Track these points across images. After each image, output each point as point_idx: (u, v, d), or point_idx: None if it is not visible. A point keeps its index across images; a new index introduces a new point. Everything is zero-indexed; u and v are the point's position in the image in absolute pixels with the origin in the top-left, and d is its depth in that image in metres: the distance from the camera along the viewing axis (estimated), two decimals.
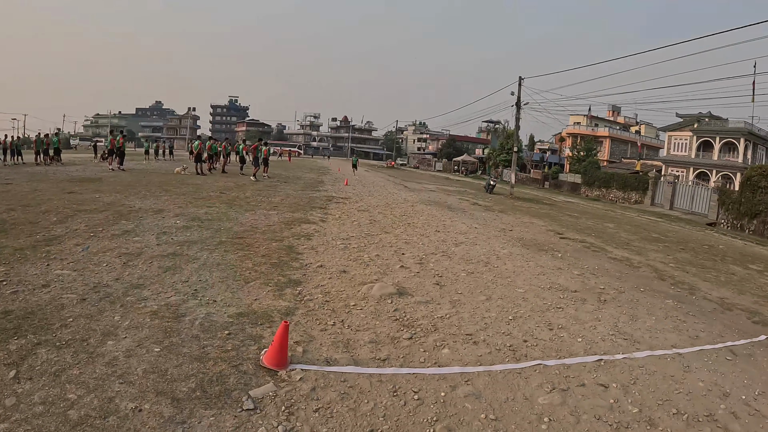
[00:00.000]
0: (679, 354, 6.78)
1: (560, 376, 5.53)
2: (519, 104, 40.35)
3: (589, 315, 8.01)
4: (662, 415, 4.93)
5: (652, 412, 4.96)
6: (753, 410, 5.33)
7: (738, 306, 10.29)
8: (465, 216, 19.90)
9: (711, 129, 59.38)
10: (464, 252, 11.84)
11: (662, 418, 4.87)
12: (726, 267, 15.63)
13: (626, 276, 11.57)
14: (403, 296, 7.76)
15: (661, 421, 4.81)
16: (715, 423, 4.93)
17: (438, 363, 5.47)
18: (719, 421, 4.96)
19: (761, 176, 35.32)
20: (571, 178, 67.03)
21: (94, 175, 23.47)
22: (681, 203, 46.44)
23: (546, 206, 32.39)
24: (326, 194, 22.85)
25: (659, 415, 4.92)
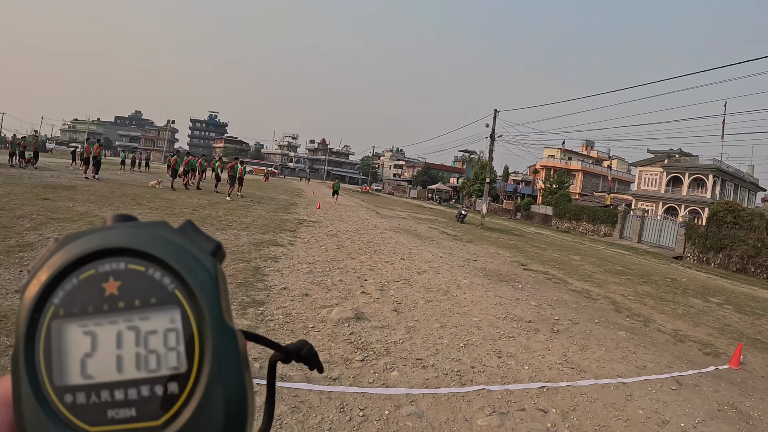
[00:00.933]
0: (623, 383, 7.12)
1: (502, 400, 5.84)
2: (493, 136, 40.85)
3: (539, 344, 8.32)
4: None
5: None
6: None
7: (691, 338, 10.72)
8: (432, 245, 20.18)
9: (681, 165, 60.60)
10: (426, 280, 12.14)
11: None
12: (686, 300, 16.12)
13: (583, 308, 11.94)
14: (360, 321, 8.03)
15: None
16: None
17: (386, 384, 5.77)
18: None
19: (727, 211, 36.24)
20: (543, 210, 67.71)
21: (69, 183, 23.47)
22: (649, 237, 47.29)
23: (515, 237, 32.75)
24: (298, 217, 22.99)
25: None
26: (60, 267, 0.47)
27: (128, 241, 0.48)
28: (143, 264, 0.48)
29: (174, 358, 0.46)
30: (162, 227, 0.51)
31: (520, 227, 49.44)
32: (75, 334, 0.46)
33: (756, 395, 7.68)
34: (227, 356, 0.46)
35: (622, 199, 70.16)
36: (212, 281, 0.48)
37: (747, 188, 67.37)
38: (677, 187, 61.33)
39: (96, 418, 0.44)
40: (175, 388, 0.45)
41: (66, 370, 0.45)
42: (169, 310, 0.47)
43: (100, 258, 0.48)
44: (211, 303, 0.47)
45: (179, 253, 0.49)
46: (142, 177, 38.23)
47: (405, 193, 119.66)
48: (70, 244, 0.49)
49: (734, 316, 14.57)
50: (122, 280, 0.47)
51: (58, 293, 0.47)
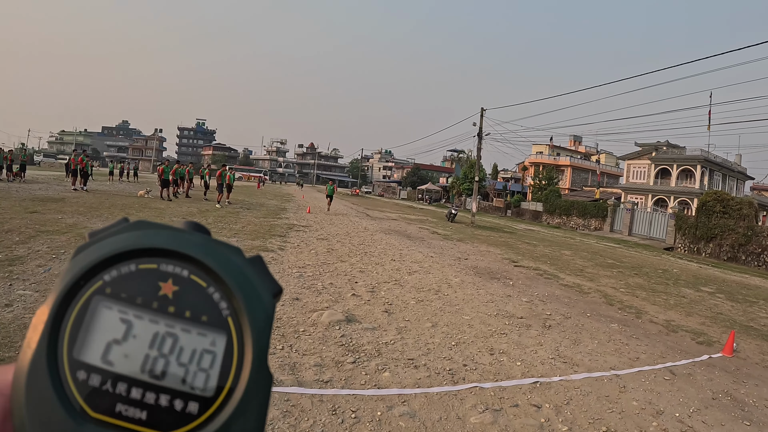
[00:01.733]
0: (616, 375, 7.14)
1: (495, 397, 5.83)
2: (481, 135, 40.89)
3: (531, 340, 8.33)
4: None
5: (582, 430, 5.27)
6: (686, 426, 5.70)
7: (684, 328, 10.76)
8: (422, 245, 20.19)
9: (669, 157, 60.94)
10: (417, 280, 12.14)
11: None
12: (677, 290, 16.17)
13: (574, 302, 11.97)
14: (351, 323, 8.01)
15: None
16: None
17: (378, 385, 5.75)
18: None
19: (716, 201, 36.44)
20: (533, 206, 67.87)
21: (57, 195, 23.37)
22: (639, 229, 47.46)
23: (506, 234, 32.80)
24: (288, 222, 22.96)
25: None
26: (125, 248, 0.47)
27: (200, 253, 0.48)
28: (207, 280, 0.48)
29: (202, 380, 0.45)
30: (235, 253, 0.51)
31: (510, 224, 49.52)
32: (111, 317, 0.45)
33: (750, 382, 7.70)
34: (258, 399, 0.45)
35: (612, 192, 70.44)
36: (268, 323, 0.48)
37: (735, 177, 67.76)
38: (666, 179, 61.68)
39: (102, 405, 0.43)
40: (194, 409, 0.44)
41: (89, 346, 0.44)
42: (215, 332, 0.46)
43: (167, 257, 0.48)
44: (260, 342, 0.47)
45: (245, 284, 0.48)
46: (131, 187, 38.17)
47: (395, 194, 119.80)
48: (141, 231, 0.49)
49: (726, 305, 14.63)
50: (180, 287, 0.47)
51: (111, 271, 0.47)
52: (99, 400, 0.43)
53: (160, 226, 0.50)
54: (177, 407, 0.44)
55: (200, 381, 0.45)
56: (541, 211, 64.27)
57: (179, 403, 0.44)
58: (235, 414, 0.44)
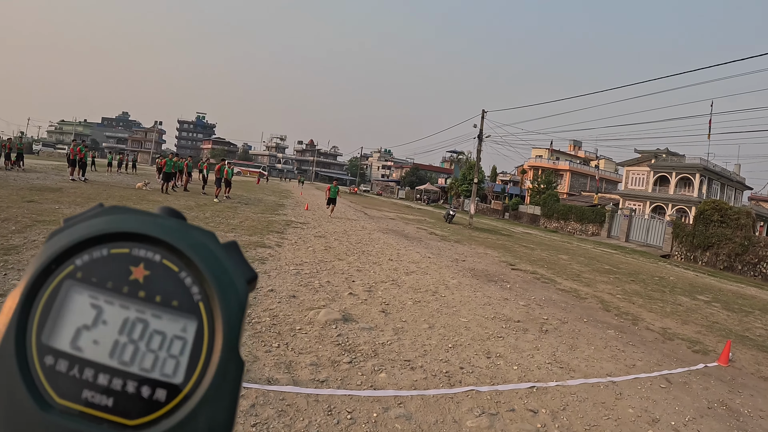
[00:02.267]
0: (613, 382, 7.13)
1: (491, 401, 5.81)
2: (481, 137, 40.92)
3: (528, 344, 8.31)
4: None
5: None
6: None
7: (680, 336, 10.76)
8: (420, 245, 20.18)
9: (668, 164, 60.97)
10: (414, 281, 12.11)
11: None
12: (674, 298, 16.19)
13: (571, 307, 11.95)
14: (348, 322, 7.97)
15: None
16: None
17: (374, 386, 5.72)
18: None
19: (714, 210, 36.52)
20: (531, 210, 67.99)
21: (55, 185, 23.28)
22: (636, 236, 47.56)
23: (503, 237, 32.81)
24: (285, 218, 22.91)
25: None
26: (96, 232, 0.47)
27: (173, 238, 0.47)
28: (179, 264, 0.47)
29: (171, 366, 0.44)
30: (209, 237, 0.51)
31: (508, 227, 49.56)
32: (82, 301, 0.44)
33: (745, 392, 7.70)
34: (228, 385, 0.44)
35: (610, 198, 70.47)
36: (240, 309, 0.47)
37: (734, 187, 67.83)
38: (664, 187, 61.72)
39: (69, 391, 0.42)
40: (162, 396, 0.43)
41: (58, 331, 0.43)
42: (186, 318, 0.45)
43: (139, 241, 0.47)
44: (232, 329, 0.46)
45: (217, 268, 0.48)
46: (129, 179, 38.07)
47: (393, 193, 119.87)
48: (115, 215, 0.48)
49: (722, 314, 14.64)
50: (151, 271, 0.46)
51: (83, 256, 0.46)
52: (66, 386, 0.42)
53: (134, 211, 0.49)
54: (144, 394, 0.43)
55: (170, 367, 0.44)
56: (539, 214, 64.38)
57: (146, 390, 0.43)
58: (203, 401, 0.43)
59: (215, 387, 0.43)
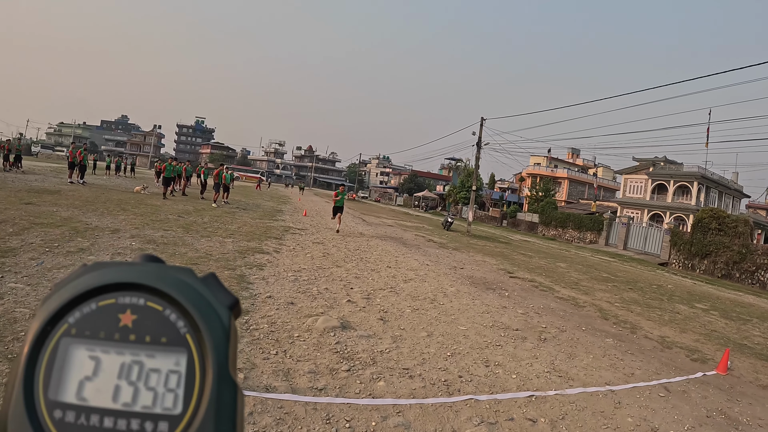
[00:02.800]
0: (611, 391, 7.10)
1: (490, 410, 5.78)
2: (480, 144, 41.00)
3: (527, 353, 8.28)
4: None
5: None
6: None
7: (678, 344, 10.75)
8: (418, 252, 20.14)
9: (666, 173, 61.11)
10: (412, 288, 12.08)
11: None
12: (672, 306, 16.20)
13: (570, 315, 11.93)
14: (346, 330, 7.94)
15: None
16: None
17: (372, 395, 5.69)
18: None
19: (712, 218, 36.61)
20: (529, 218, 68.10)
21: (53, 187, 23.21)
22: (634, 244, 47.66)
23: (501, 245, 32.80)
24: (284, 224, 22.89)
25: None
26: (83, 289, 0.50)
27: (152, 280, 0.51)
28: (162, 304, 0.50)
29: (171, 400, 0.46)
30: (186, 273, 0.53)
31: (506, 234, 49.58)
32: (80, 355, 0.47)
33: (744, 401, 7.69)
34: (224, 407, 0.46)
35: (608, 206, 70.58)
36: (224, 333, 0.50)
37: (731, 195, 67.92)
38: (662, 195, 61.83)
39: None
40: (165, 428, 0.45)
41: (63, 387, 0.46)
42: (176, 352, 0.48)
43: (123, 290, 0.50)
44: (219, 353, 0.48)
45: (198, 300, 0.51)
46: (128, 182, 37.98)
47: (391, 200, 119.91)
48: (97, 272, 0.51)
49: (720, 322, 14.64)
50: (138, 315, 0.49)
51: (74, 313, 0.49)
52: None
53: (115, 264, 0.52)
54: (147, 429, 0.45)
55: (169, 401, 0.46)
56: (537, 222, 64.51)
57: (149, 425, 0.45)
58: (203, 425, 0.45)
59: (212, 410, 0.46)
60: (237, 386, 0.48)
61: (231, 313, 0.52)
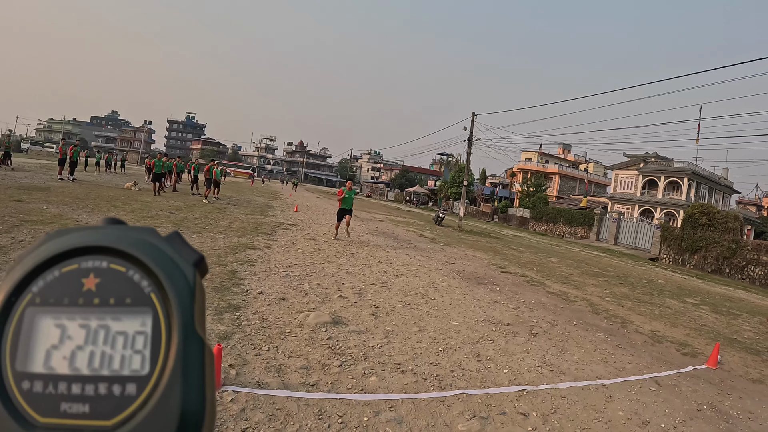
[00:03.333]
0: (603, 385, 7.12)
1: (482, 404, 5.79)
2: (471, 139, 41.01)
3: (518, 347, 8.30)
4: None
5: None
6: None
7: (669, 338, 10.78)
8: (410, 248, 20.13)
9: (656, 168, 61.37)
10: (404, 284, 12.08)
11: None
12: (662, 301, 16.25)
13: (561, 310, 11.95)
14: (338, 325, 7.94)
15: None
16: None
17: (364, 390, 5.69)
18: None
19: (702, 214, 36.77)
20: (520, 213, 68.28)
21: (43, 184, 23.13)
22: (625, 239, 47.85)
23: (492, 240, 32.83)
24: (275, 220, 22.84)
25: None
26: (45, 257, 0.49)
27: (113, 242, 0.50)
28: (125, 265, 0.49)
29: (138, 361, 0.46)
30: (149, 233, 0.53)
31: (497, 230, 49.63)
32: (46, 324, 0.47)
33: (734, 394, 7.73)
34: (191, 364, 0.46)
35: (599, 201, 70.81)
36: (189, 289, 0.49)
37: (722, 191, 68.26)
38: (653, 190, 62.09)
39: (48, 408, 0.44)
40: (133, 390, 0.45)
41: (30, 357, 0.46)
42: (141, 312, 0.47)
43: (85, 254, 0.49)
44: (184, 309, 0.47)
45: (161, 258, 0.50)
46: (118, 179, 37.85)
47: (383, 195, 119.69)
48: (59, 238, 0.50)
49: (711, 317, 14.71)
50: (101, 278, 0.48)
51: (38, 282, 0.48)
52: (44, 404, 0.44)
53: (76, 229, 0.51)
54: (116, 392, 0.44)
55: (137, 363, 0.46)
56: (528, 217, 64.62)
57: (117, 387, 0.45)
58: (171, 384, 0.44)
59: (179, 368, 0.45)
60: (204, 342, 0.48)
61: (196, 269, 0.51)
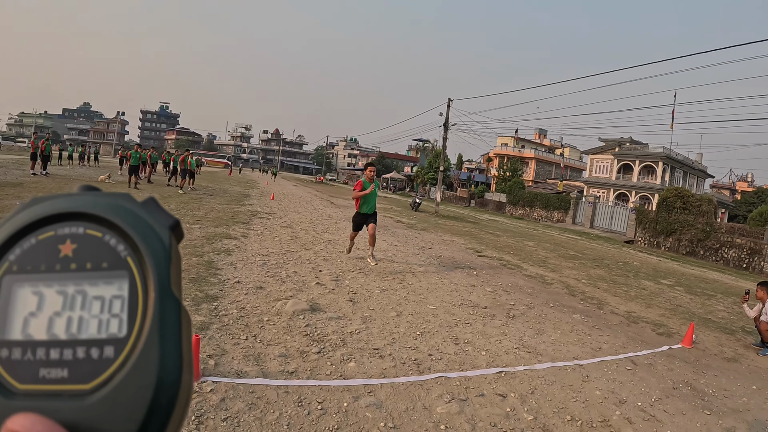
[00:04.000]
0: (579, 365, 7.20)
1: (461, 387, 5.83)
2: (447, 125, 41.08)
3: (496, 330, 8.36)
4: (557, 421, 5.28)
5: (547, 419, 5.30)
6: (648, 415, 5.76)
7: (644, 319, 10.91)
8: (387, 233, 20.13)
9: (631, 153, 62.01)
10: (381, 269, 12.11)
11: (557, 424, 5.22)
12: (638, 282, 16.43)
13: (537, 292, 12.04)
14: (316, 312, 7.94)
15: (556, 427, 5.15)
16: (609, 428, 5.31)
17: (343, 376, 5.71)
18: (613, 426, 5.35)
19: (676, 197, 37.09)
20: (497, 197, 68.58)
21: (15, 180, 22.86)
22: (601, 222, 48.26)
23: (469, 224, 32.95)
24: (251, 209, 22.74)
25: (554, 421, 5.27)
26: (21, 225, 0.48)
27: (89, 207, 0.49)
28: (101, 230, 0.49)
29: (116, 324, 0.45)
30: (124, 198, 0.52)
31: (474, 214, 49.82)
32: (23, 292, 0.46)
33: (709, 373, 7.84)
34: (168, 325, 0.45)
35: (575, 186, 71.40)
36: (165, 251, 0.48)
37: (696, 175, 69.15)
38: (628, 174, 62.70)
39: (27, 375, 0.44)
40: (110, 353, 0.44)
41: (8, 325, 0.45)
42: (118, 276, 0.47)
43: (62, 221, 0.49)
44: (160, 271, 0.47)
45: (137, 222, 0.49)
46: (92, 171, 37.45)
47: None
48: (34, 206, 0.50)
49: (685, 297, 14.89)
50: (78, 243, 0.48)
51: (15, 250, 0.48)
52: (23, 371, 0.44)
53: (52, 196, 0.51)
54: (94, 355, 0.44)
55: (114, 326, 0.45)
56: (505, 202, 64.95)
57: (95, 351, 0.44)
58: (148, 345, 0.44)
59: (156, 330, 0.45)
60: (180, 303, 0.47)
61: (172, 233, 0.51)
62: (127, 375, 0.43)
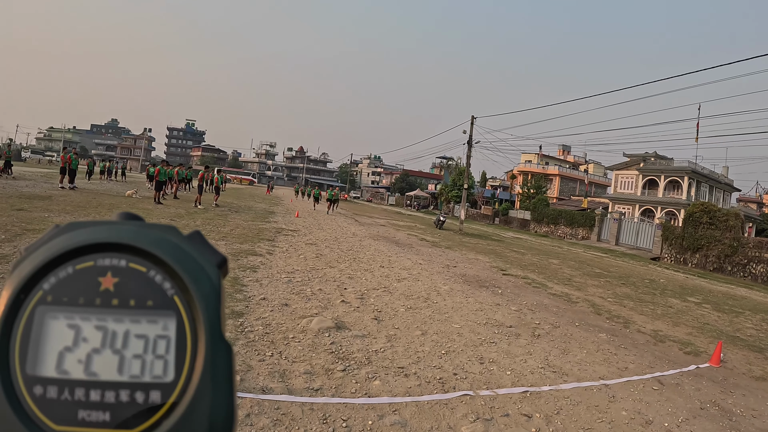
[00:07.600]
0: (605, 385, 7.13)
1: (486, 406, 5.81)
2: (470, 142, 41.09)
3: (521, 349, 8.31)
4: None
5: None
6: None
7: (671, 338, 10.78)
8: (411, 252, 20.14)
9: (656, 168, 61.42)
10: (406, 288, 12.10)
11: None
12: (664, 300, 16.25)
13: (563, 311, 11.95)
14: (341, 330, 7.96)
15: None
16: None
17: (368, 394, 5.71)
18: None
19: (703, 212, 36.75)
20: (521, 215, 68.25)
21: (44, 193, 23.05)
22: (626, 239, 47.82)
23: (494, 242, 32.83)
24: (276, 226, 22.83)
25: None
26: (58, 252, 0.46)
27: (134, 239, 0.47)
28: (146, 265, 0.47)
29: (160, 367, 0.44)
30: (171, 231, 0.50)
31: (498, 232, 49.64)
32: (58, 324, 0.44)
33: (737, 392, 7.74)
34: (219, 371, 0.44)
35: (599, 202, 70.82)
36: (215, 293, 0.47)
37: (722, 189, 68.23)
38: (653, 190, 62.12)
39: (64, 416, 0.42)
40: (157, 398, 0.43)
41: (41, 360, 0.43)
42: (164, 315, 0.45)
43: (102, 251, 0.47)
44: (211, 314, 0.46)
45: (185, 259, 0.48)
46: (119, 186, 37.81)
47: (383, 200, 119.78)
48: (72, 232, 0.48)
49: (713, 315, 14.71)
50: (120, 277, 0.46)
51: (50, 278, 0.45)
52: (59, 411, 0.42)
53: (92, 223, 0.49)
54: (139, 400, 0.43)
55: (159, 368, 0.44)
56: (529, 219, 64.61)
57: (140, 395, 0.43)
58: (199, 392, 0.43)
59: (208, 376, 0.44)
60: (230, 347, 0.46)
61: (220, 271, 0.49)
62: (176, 423, 0.42)
